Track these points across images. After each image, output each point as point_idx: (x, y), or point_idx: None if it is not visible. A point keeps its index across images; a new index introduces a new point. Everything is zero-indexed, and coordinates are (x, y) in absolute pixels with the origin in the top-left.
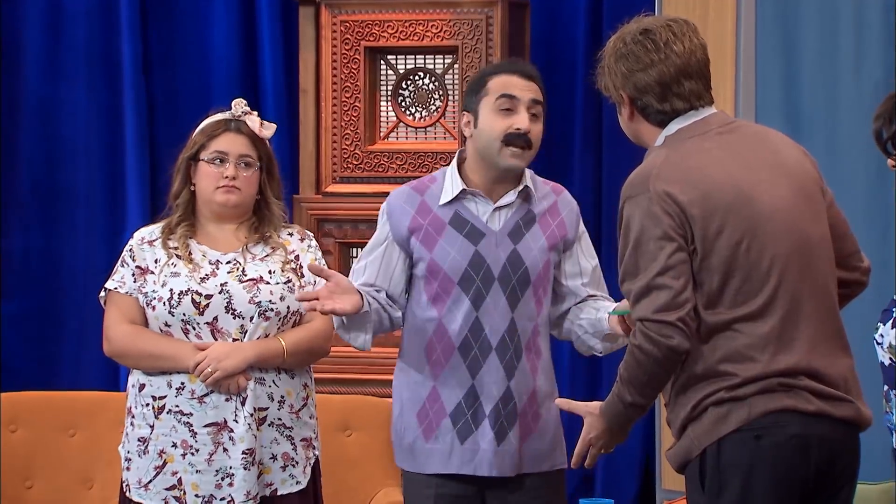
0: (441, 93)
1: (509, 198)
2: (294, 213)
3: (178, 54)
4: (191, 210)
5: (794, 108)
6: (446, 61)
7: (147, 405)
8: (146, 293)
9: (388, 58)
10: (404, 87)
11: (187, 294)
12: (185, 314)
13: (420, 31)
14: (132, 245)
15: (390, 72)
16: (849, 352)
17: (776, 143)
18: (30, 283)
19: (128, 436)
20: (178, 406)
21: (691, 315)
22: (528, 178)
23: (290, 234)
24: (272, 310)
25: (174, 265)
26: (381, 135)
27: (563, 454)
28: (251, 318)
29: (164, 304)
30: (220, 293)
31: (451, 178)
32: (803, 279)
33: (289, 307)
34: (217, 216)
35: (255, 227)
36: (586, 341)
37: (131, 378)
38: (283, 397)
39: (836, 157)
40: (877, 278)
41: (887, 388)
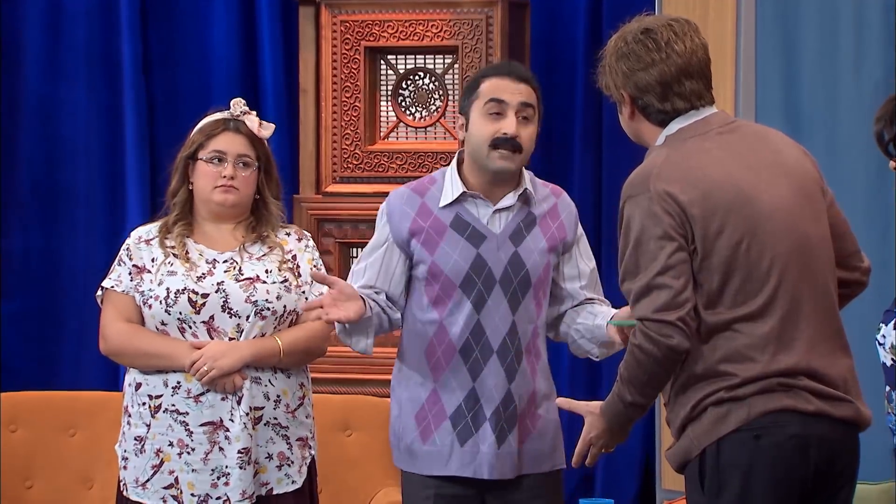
0: (441, 93)
1: (509, 200)
2: (294, 213)
3: (178, 54)
4: (188, 209)
5: (794, 108)
6: (446, 61)
7: (143, 404)
8: (143, 292)
9: (388, 58)
10: (404, 87)
11: (184, 293)
12: (181, 313)
13: (420, 31)
14: (129, 244)
15: (390, 72)
16: (848, 352)
17: (777, 143)
18: (30, 283)
19: (124, 434)
20: (174, 405)
21: (691, 315)
22: (528, 181)
23: (288, 234)
24: (268, 309)
25: (171, 264)
26: (381, 135)
27: (561, 454)
28: (247, 317)
29: (160, 302)
30: (216, 292)
31: (450, 180)
32: (803, 279)
33: (285, 306)
34: (214, 216)
35: (252, 227)
36: (583, 346)
37: (128, 377)
38: (279, 397)
39: (836, 157)
40: (877, 278)
41: (889, 388)
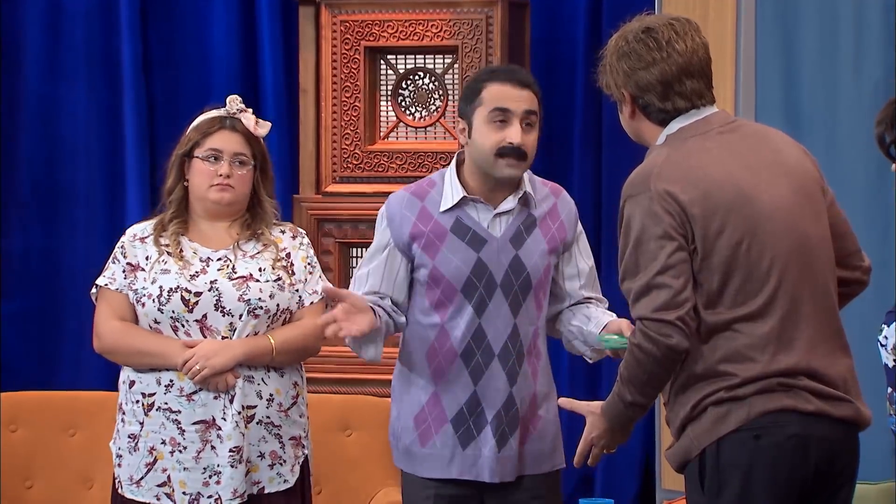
0: (441, 93)
1: (509, 204)
2: (294, 213)
3: (178, 54)
4: (184, 207)
5: (794, 108)
6: (446, 61)
7: (137, 402)
8: (136, 290)
9: (388, 58)
10: (404, 86)
11: (177, 291)
12: (174, 311)
13: (420, 31)
14: (124, 241)
15: (390, 72)
16: (848, 352)
17: (777, 143)
18: (30, 283)
19: (118, 432)
20: (167, 403)
21: (691, 314)
22: (527, 183)
23: (283, 232)
24: (261, 308)
25: (165, 262)
26: (381, 135)
27: (561, 454)
28: (240, 315)
29: (153, 301)
30: (209, 290)
31: (450, 184)
32: (803, 279)
33: (278, 305)
34: (210, 214)
35: (247, 225)
36: (577, 346)
37: (122, 375)
38: (271, 395)
39: (835, 157)
40: (877, 278)
41: (891, 390)
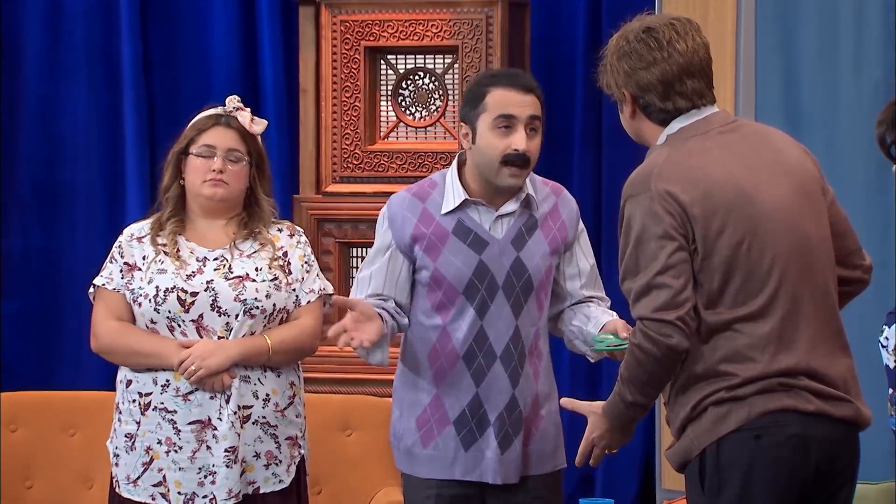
0: (441, 93)
1: (511, 206)
2: (294, 213)
3: (178, 54)
4: (180, 205)
5: (794, 108)
6: (446, 61)
7: (133, 401)
8: (133, 290)
9: (388, 58)
10: (404, 86)
11: (173, 291)
12: (170, 311)
13: (420, 31)
14: (121, 241)
15: (390, 72)
16: (848, 352)
17: (777, 143)
18: (30, 283)
19: (115, 432)
20: (163, 403)
21: (691, 314)
22: (529, 185)
23: (280, 231)
24: (257, 307)
25: (161, 262)
26: (381, 135)
27: (562, 454)
28: (236, 315)
29: (149, 301)
30: (205, 290)
31: (452, 186)
32: (803, 279)
33: (275, 305)
34: (205, 210)
35: (244, 223)
36: (577, 346)
37: (119, 374)
38: (268, 395)
39: (835, 157)
40: (877, 278)
41: (892, 390)
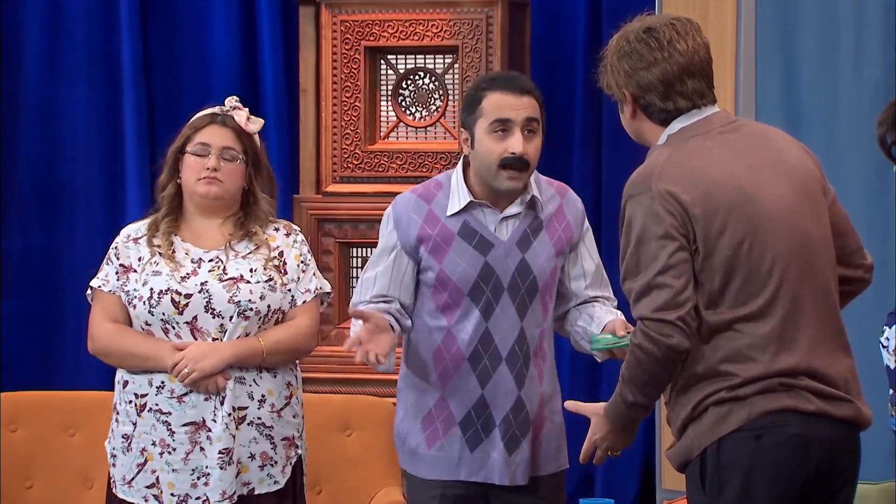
0: (441, 93)
1: (516, 208)
2: (294, 213)
3: (178, 54)
4: (176, 204)
5: (793, 108)
6: (446, 61)
7: (130, 402)
8: (128, 291)
9: (388, 58)
10: (404, 86)
11: (167, 293)
12: (164, 313)
13: (420, 31)
14: (117, 242)
15: (390, 72)
16: (849, 352)
17: (778, 142)
18: (30, 283)
19: (113, 432)
20: (157, 405)
21: (691, 314)
22: (534, 187)
23: (276, 230)
24: (252, 309)
25: (156, 263)
26: (381, 135)
27: (565, 455)
28: (230, 317)
29: (144, 303)
30: (199, 292)
31: (457, 188)
32: (804, 279)
33: (269, 306)
34: (201, 209)
35: (240, 223)
36: (583, 346)
37: (117, 375)
38: (263, 396)
39: (835, 157)
40: (877, 278)
41: (893, 391)
